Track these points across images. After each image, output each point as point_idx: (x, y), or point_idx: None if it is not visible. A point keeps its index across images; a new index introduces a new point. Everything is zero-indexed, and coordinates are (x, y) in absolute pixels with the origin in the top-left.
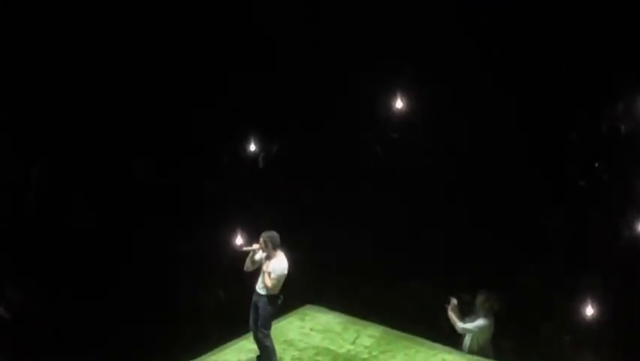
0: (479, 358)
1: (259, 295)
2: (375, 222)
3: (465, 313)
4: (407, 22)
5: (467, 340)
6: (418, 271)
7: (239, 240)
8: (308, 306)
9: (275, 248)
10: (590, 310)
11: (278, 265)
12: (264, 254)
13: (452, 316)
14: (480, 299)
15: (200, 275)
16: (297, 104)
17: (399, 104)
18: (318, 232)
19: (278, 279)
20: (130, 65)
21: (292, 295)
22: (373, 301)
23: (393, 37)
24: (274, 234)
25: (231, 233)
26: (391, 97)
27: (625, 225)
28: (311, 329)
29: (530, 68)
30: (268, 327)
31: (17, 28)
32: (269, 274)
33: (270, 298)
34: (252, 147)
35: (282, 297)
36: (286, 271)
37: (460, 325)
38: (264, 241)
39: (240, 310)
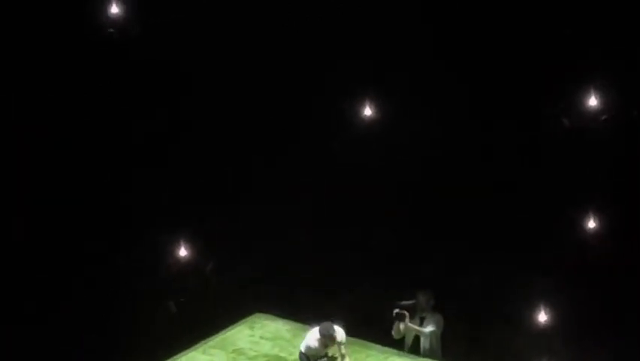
0: (431, 359)
1: None
2: (318, 226)
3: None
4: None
5: (424, 342)
6: (364, 275)
7: (183, 251)
8: (256, 314)
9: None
10: (542, 313)
11: None
12: None
13: (413, 326)
14: (424, 298)
15: (149, 287)
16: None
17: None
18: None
19: None
20: None
21: (239, 304)
22: (319, 308)
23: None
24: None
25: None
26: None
27: (575, 223)
28: (261, 337)
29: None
30: None
31: None
32: None
33: None
34: None
35: None
36: None
37: (425, 331)
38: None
39: (190, 322)
